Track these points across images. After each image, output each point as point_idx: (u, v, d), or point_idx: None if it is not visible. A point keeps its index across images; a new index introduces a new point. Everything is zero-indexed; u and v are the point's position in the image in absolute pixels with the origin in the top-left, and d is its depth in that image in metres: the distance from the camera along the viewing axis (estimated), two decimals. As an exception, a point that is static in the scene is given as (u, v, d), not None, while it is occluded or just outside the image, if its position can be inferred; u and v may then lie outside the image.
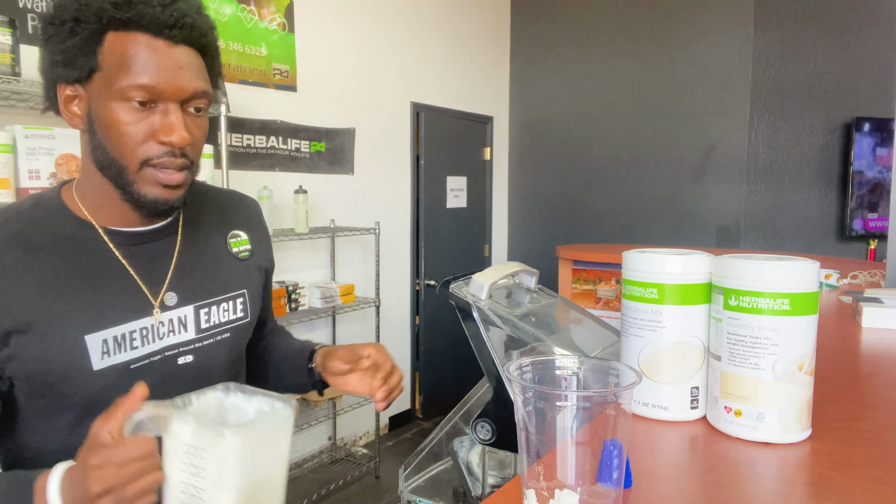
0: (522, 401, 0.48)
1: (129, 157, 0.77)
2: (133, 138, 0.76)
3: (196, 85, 0.79)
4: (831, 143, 4.33)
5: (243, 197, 1.10)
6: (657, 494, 0.58)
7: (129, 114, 0.76)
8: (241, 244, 1.00)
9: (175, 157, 0.78)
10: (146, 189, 0.79)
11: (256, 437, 0.62)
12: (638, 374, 0.48)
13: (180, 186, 0.82)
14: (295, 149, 3.32)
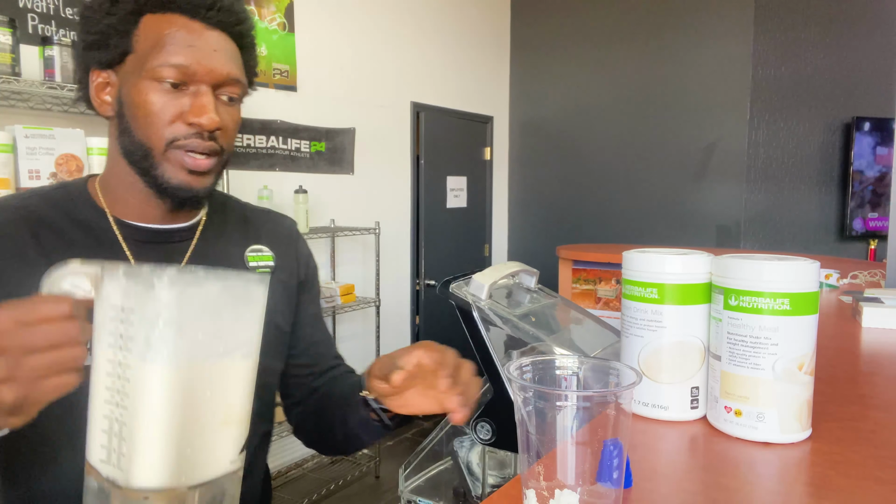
0: (522, 401, 0.48)
1: (156, 138, 0.75)
2: (161, 118, 0.74)
3: (230, 70, 0.77)
4: (831, 143, 4.33)
5: (277, 215, 1.03)
6: (657, 494, 0.58)
7: (160, 95, 0.74)
8: (261, 259, 0.93)
9: (203, 140, 0.76)
10: (171, 173, 0.77)
11: (203, 301, 0.48)
12: (638, 373, 0.48)
13: (208, 173, 0.79)
14: (295, 149, 3.32)
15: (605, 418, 0.46)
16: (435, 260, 4.33)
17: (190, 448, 0.49)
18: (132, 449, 0.48)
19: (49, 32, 2.29)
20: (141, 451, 0.48)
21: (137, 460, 0.48)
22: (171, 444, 0.48)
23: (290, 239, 1.01)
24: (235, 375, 0.52)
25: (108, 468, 0.49)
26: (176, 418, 0.48)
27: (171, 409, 0.48)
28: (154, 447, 0.48)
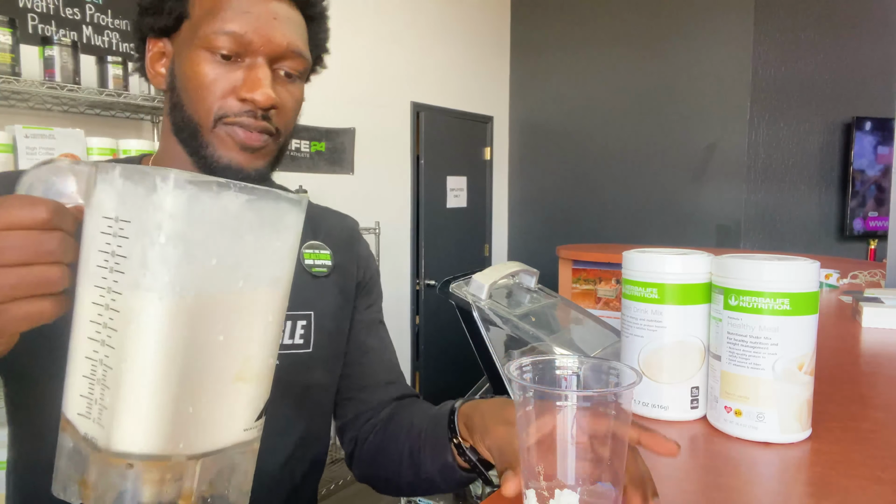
0: (522, 400, 0.47)
1: (205, 113, 0.69)
2: (212, 91, 0.68)
3: (290, 41, 0.70)
4: (831, 143, 4.33)
5: (338, 213, 0.95)
6: (657, 494, 0.58)
7: (212, 66, 0.68)
8: (318, 257, 0.84)
9: (255, 119, 0.69)
10: (221, 151, 0.70)
11: (220, 216, 0.38)
12: (638, 373, 0.48)
13: (261, 152, 0.71)
14: (295, 149, 3.32)
15: (606, 418, 0.46)
16: (435, 260, 4.33)
17: (192, 406, 0.39)
18: (117, 400, 0.38)
19: (49, 32, 2.29)
20: (128, 405, 0.37)
21: (123, 416, 0.37)
22: (167, 398, 0.38)
23: (350, 238, 0.93)
24: (257, 317, 0.42)
25: (86, 424, 0.39)
26: (175, 366, 0.38)
27: (170, 353, 0.37)
28: (145, 401, 0.37)
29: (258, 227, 0.41)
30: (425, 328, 4.31)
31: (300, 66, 0.72)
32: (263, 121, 0.69)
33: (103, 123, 2.42)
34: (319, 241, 0.86)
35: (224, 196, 0.38)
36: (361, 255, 0.93)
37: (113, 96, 2.23)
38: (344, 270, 0.87)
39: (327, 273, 0.85)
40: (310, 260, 0.83)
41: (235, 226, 0.40)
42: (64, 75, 2.12)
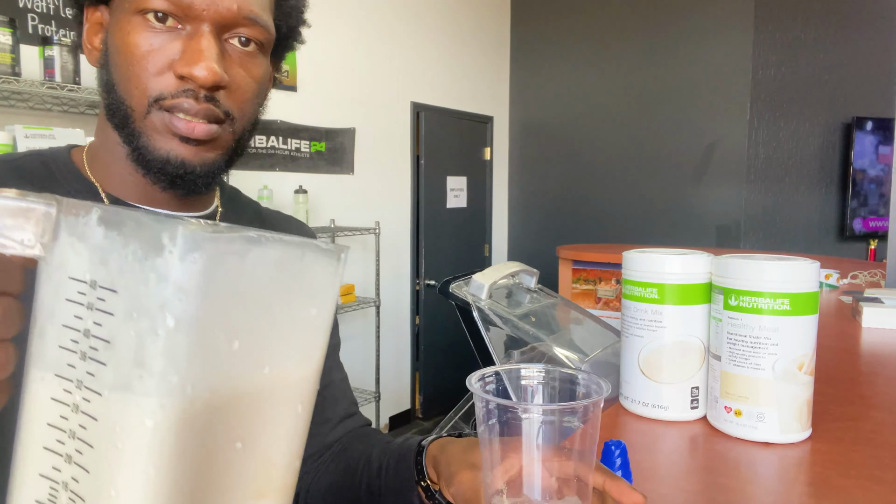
0: (485, 414, 0.46)
1: (137, 94, 0.56)
2: (144, 66, 0.55)
3: (243, 4, 0.56)
4: (831, 143, 4.33)
5: (299, 221, 0.85)
6: (657, 494, 0.58)
7: (146, 34, 0.55)
8: None
9: (197, 101, 0.55)
10: (157, 141, 0.57)
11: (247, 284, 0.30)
12: (606, 386, 0.46)
13: (206, 143, 0.58)
14: (295, 149, 3.32)
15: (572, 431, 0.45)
16: (435, 260, 4.33)
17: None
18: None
19: (49, 32, 2.29)
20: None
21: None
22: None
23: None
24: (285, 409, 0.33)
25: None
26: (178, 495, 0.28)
27: (172, 478, 0.27)
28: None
29: (290, 293, 0.32)
30: (425, 328, 4.31)
31: (258, 36, 0.59)
32: (207, 102, 0.56)
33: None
34: None
35: (252, 255, 0.29)
36: None
37: (113, 96, 2.23)
38: None
39: None
40: None
41: (264, 294, 0.30)
42: (64, 75, 2.12)
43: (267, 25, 0.59)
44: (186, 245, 0.26)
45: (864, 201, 4.36)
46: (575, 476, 0.46)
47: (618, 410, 0.80)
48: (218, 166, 0.61)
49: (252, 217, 0.77)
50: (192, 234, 0.27)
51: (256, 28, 0.58)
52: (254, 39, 0.59)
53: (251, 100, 0.61)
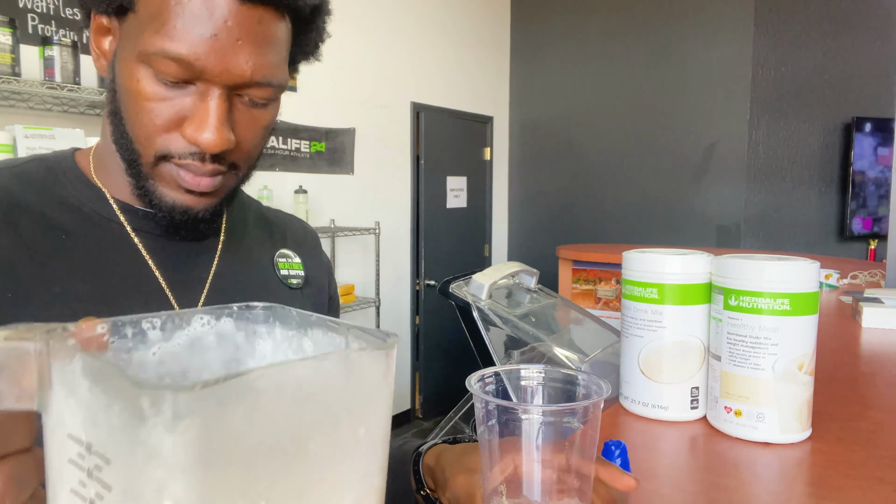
0: (484, 415, 0.46)
1: (146, 144, 0.55)
2: (153, 121, 0.54)
3: (256, 68, 0.53)
4: (831, 143, 4.33)
5: (301, 220, 0.84)
6: (657, 494, 0.58)
7: (156, 87, 0.53)
8: (291, 267, 0.75)
9: (203, 162, 0.55)
10: (163, 189, 0.57)
11: (259, 440, 0.24)
12: (606, 387, 0.46)
13: (212, 194, 0.58)
14: (295, 149, 3.32)
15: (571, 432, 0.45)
16: (435, 260, 4.33)
17: None
18: None
19: (49, 32, 2.29)
20: None
21: None
22: None
23: (316, 246, 0.82)
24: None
25: None
26: None
27: None
28: None
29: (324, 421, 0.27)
30: (425, 328, 4.31)
31: (268, 95, 0.57)
32: (214, 163, 0.56)
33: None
34: (289, 249, 0.76)
35: (266, 396, 0.24)
36: (327, 265, 0.82)
37: (113, 96, 2.23)
38: (316, 283, 0.78)
39: (301, 285, 0.75)
40: (285, 270, 0.74)
41: (288, 438, 0.25)
42: (64, 75, 2.12)
43: (281, 83, 0.58)
44: (174, 412, 0.22)
45: (863, 202, 4.36)
46: (574, 477, 0.46)
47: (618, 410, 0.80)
48: (221, 208, 0.61)
49: (257, 218, 0.77)
50: (177, 399, 0.22)
51: (269, 89, 0.56)
52: (264, 98, 0.57)
53: (259, 145, 0.61)
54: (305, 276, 0.76)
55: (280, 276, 0.73)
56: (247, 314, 0.37)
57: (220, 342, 0.36)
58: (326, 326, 0.33)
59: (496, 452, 0.46)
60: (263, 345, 0.37)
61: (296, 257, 0.76)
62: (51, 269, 0.56)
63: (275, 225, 0.78)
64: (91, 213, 0.60)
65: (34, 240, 0.57)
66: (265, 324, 0.37)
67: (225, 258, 0.68)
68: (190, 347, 0.35)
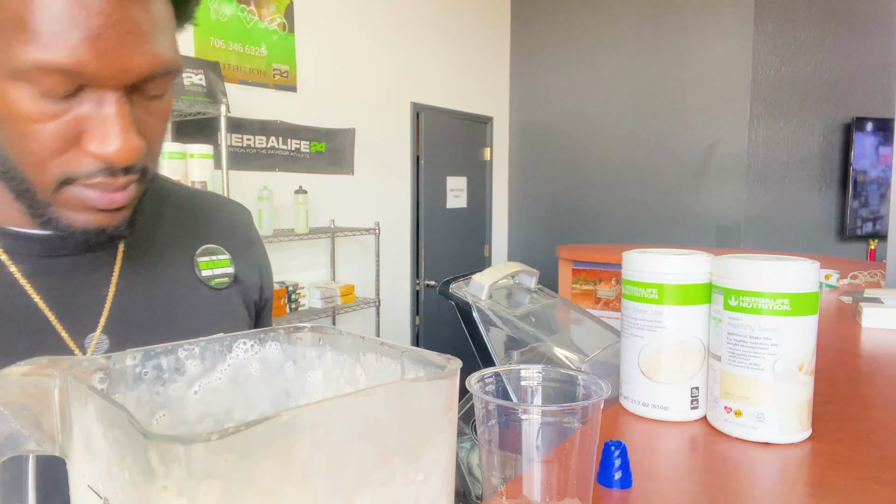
0: (484, 415, 0.46)
1: (39, 172, 0.47)
2: (44, 145, 0.45)
3: (152, 61, 0.46)
4: (831, 143, 4.33)
5: (227, 201, 0.75)
6: (657, 494, 0.58)
7: (40, 104, 0.44)
8: (216, 266, 0.67)
9: (115, 176, 0.48)
10: (69, 215, 0.49)
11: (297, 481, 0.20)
12: (606, 387, 0.46)
13: (125, 208, 0.52)
14: (295, 149, 3.32)
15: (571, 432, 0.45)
16: (435, 260, 4.33)
17: None
18: None
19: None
20: None
21: None
22: None
23: (248, 237, 0.74)
24: None
25: None
26: None
27: None
28: None
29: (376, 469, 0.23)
30: (425, 328, 4.31)
31: (167, 83, 0.50)
32: (126, 175, 0.49)
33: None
34: (213, 242, 0.68)
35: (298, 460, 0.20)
36: (261, 258, 0.74)
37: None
38: (245, 279, 0.70)
39: (229, 284, 0.67)
40: (207, 270, 0.65)
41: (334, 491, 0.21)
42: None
43: (176, 65, 0.50)
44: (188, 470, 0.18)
45: (864, 202, 4.36)
46: (575, 477, 0.46)
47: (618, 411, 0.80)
48: (133, 216, 0.54)
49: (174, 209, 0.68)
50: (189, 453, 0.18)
51: (168, 77, 0.49)
52: (165, 87, 0.50)
53: (162, 139, 0.53)
54: (234, 274, 0.68)
55: (201, 278, 0.65)
56: (294, 336, 0.34)
57: (266, 372, 0.33)
58: (381, 351, 0.30)
59: (496, 453, 0.46)
60: (314, 374, 0.33)
61: (223, 253, 0.68)
62: None
63: (198, 215, 0.69)
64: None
65: None
66: (314, 347, 0.34)
67: (127, 268, 0.59)
68: (232, 381, 0.31)
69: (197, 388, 0.30)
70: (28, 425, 0.23)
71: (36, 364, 0.24)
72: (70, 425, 0.23)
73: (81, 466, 0.23)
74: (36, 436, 0.23)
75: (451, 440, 0.25)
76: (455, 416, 0.26)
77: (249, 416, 0.31)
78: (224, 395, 0.30)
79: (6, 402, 0.23)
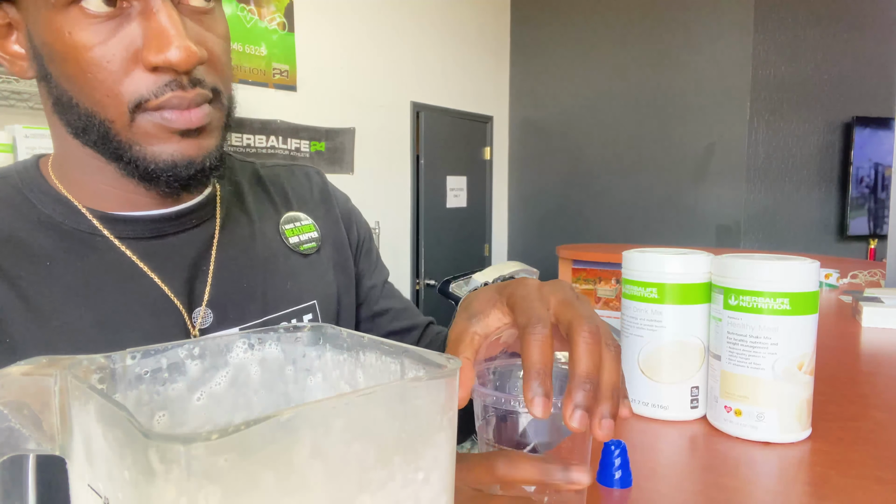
0: (481, 410, 0.46)
1: (111, 104, 0.47)
2: (104, 68, 0.46)
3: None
4: (831, 143, 4.33)
5: (298, 166, 0.76)
6: (657, 494, 0.58)
7: (89, 29, 0.45)
8: (302, 231, 0.68)
9: (184, 90, 0.48)
10: (154, 148, 0.49)
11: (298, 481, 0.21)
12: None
13: (207, 130, 0.51)
14: (295, 148, 3.32)
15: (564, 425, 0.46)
16: (435, 259, 4.33)
17: None
18: None
19: (49, 32, 2.29)
20: None
21: None
22: None
23: (325, 196, 0.74)
24: None
25: None
26: None
27: None
28: None
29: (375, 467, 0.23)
30: (425, 328, 4.31)
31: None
32: (195, 87, 0.48)
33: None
34: (296, 209, 0.69)
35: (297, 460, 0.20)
36: (344, 211, 0.75)
37: (113, 96, 2.23)
38: (333, 239, 0.71)
39: (317, 248, 0.68)
40: (294, 237, 0.67)
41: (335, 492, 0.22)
42: (64, 75, 2.12)
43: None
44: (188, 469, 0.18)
45: (864, 201, 4.36)
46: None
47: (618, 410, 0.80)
48: (220, 150, 0.54)
49: (251, 182, 0.69)
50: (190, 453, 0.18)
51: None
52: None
53: (227, 62, 0.53)
54: (320, 236, 0.69)
55: (290, 245, 0.66)
56: (294, 336, 0.34)
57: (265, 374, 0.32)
58: (380, 349, 0.30)
59: (494, 447, 0.47)
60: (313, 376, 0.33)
61: (306, 218, 0.69)
62: (42, 303, 0.50)
63: (274, 186, 0.71)
64: (71, 231, 0.54)
65: (17, 274, 0.50)
66: (314, 346, 0.33)
67: (225, 241, 0.61)
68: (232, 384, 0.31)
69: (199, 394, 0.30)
70: (28, 425, 0.23)
71: (36, 363, 0.24)
72: (70, 425, 0.23)
73: (81, 466, 0.23)
74: (36, 435, 0.23)
75: (451, 440, 0.26)
76: (455, 416, 0.26)
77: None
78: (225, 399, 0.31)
79: (6, 402, 0.23)
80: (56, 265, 0.52)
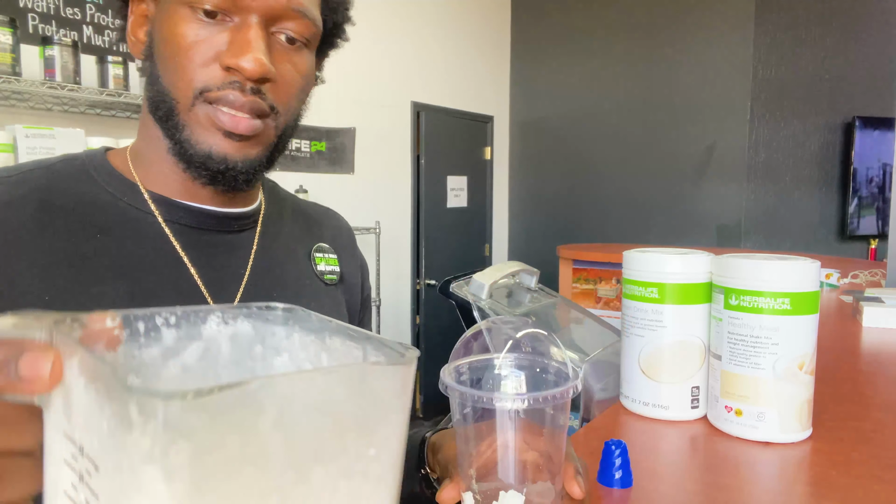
0: (458, 404, 0.47)
1: (183, 85, 0.55)
2: (190, 57, 0.54)
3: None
4: (831, 143, 4.33)
5: (332, 211, 0.84)
6: (657, 494, 0.58)
7: (192, 25, 0.54)
8: (327, 262, 0.74)
9: (242, 93, 0.54)
10: (198, 134, 0.56)
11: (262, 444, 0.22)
12: (574, 374, 0.47)
13: (250, 140, 0.57)
14: (295, 148, 3.32)
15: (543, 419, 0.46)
16: (435, 260, 4.33)
17: None
18: None
19: (49, 32, 2.29)
20: None
21: None
22: None
23: (352, 243, 0.81)
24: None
25: None
26: None
27: None
28: None
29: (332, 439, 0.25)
30: (425, 328, 4.31)
31: (305, 31, 0.58)
32: (253, 95, 0.55)
33: (103, 123, 2.42)
34: (325, 242, 0.76)
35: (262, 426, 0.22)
36: (363, 264, 0.82)
37: (113, 96, 2.24)
38: (350, 281, 0.77)
39: (336, 282, 0.74)
40: (321, 265, 0.72)
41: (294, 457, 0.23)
42: (64, 75, 2.12)
43: (315, 19, 0.58)
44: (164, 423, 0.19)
45: (864, 201, 4.36)
46: (545, 461, 0.47)
47: (618, 410, 0.80)
48: (260, 163, 0.59)
49: (293, 211, 0.76)
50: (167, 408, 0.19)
51: (304, 22, 0.57)
52: (300, 36, 0.58)
53: (296, 95, 0.60)
54: (340, 273, 0.75)
55: (317, 272, 0.72)
56: (266, 315, 0.35)
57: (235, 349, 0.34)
58: (346, 335, 0.32)
59: (471, 440, 0.47)
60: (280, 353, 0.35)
61: (332, 252, 0.75)
62: (88, 270, 0.55)
63: (312, 218, 0.78)
64: (126, 208, 0.59)
65: (70, 240, 0.55)
66: (284, 326, 0.35)
67: (262, 252, 0.66)
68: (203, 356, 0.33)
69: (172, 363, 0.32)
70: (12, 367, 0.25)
71: (24, 317, 0.26)
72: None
73: (58, 416, 0.25)
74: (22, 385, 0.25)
75: (404, 423, 0.28)
76: (409, 401, 0.28)
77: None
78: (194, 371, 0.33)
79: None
80: (105, 237, 0.57)
